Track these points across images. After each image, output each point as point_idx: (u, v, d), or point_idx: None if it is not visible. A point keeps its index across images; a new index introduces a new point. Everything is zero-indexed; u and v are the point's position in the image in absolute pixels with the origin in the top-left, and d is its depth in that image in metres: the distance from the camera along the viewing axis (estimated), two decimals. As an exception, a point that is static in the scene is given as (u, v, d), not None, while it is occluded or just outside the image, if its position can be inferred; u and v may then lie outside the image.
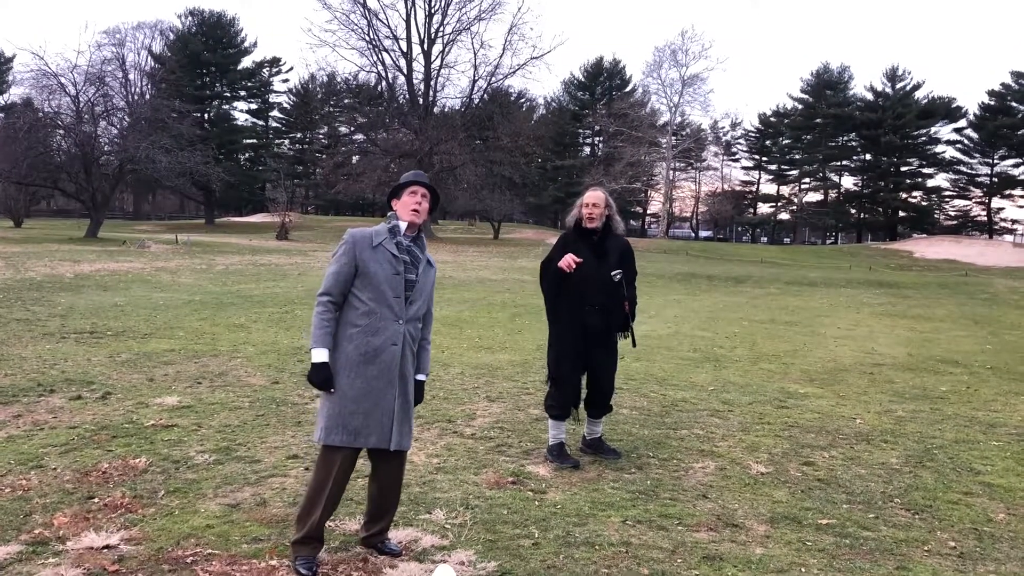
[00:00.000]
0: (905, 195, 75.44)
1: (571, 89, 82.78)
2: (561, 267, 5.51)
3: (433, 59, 54.76)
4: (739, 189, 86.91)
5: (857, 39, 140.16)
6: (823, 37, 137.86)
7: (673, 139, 66.19)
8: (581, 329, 5.61)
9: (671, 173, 70.60)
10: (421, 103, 54.86)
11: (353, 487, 4.66)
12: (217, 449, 5.74)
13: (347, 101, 69.79)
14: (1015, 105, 68.63)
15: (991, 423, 7.43)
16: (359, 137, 67.12)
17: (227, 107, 75.55)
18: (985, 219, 74.30)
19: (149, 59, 56.73)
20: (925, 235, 67.17)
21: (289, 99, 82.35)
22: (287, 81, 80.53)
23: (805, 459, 6.02)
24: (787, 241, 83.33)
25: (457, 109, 58.06)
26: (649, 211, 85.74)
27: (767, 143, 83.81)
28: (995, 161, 72.18)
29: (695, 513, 4.83)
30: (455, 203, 59.77)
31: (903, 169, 74.74)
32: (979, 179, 73.95)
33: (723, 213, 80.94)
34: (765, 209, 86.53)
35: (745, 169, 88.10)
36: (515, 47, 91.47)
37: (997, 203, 74.38)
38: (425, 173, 4.38)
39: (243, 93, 77.23)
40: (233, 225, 62.67)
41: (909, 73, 74.56)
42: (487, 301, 17.05)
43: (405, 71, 55.09)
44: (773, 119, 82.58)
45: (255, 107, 79.85)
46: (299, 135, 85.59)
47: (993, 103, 69.98)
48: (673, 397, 8.03)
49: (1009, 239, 67.56)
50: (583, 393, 5.88)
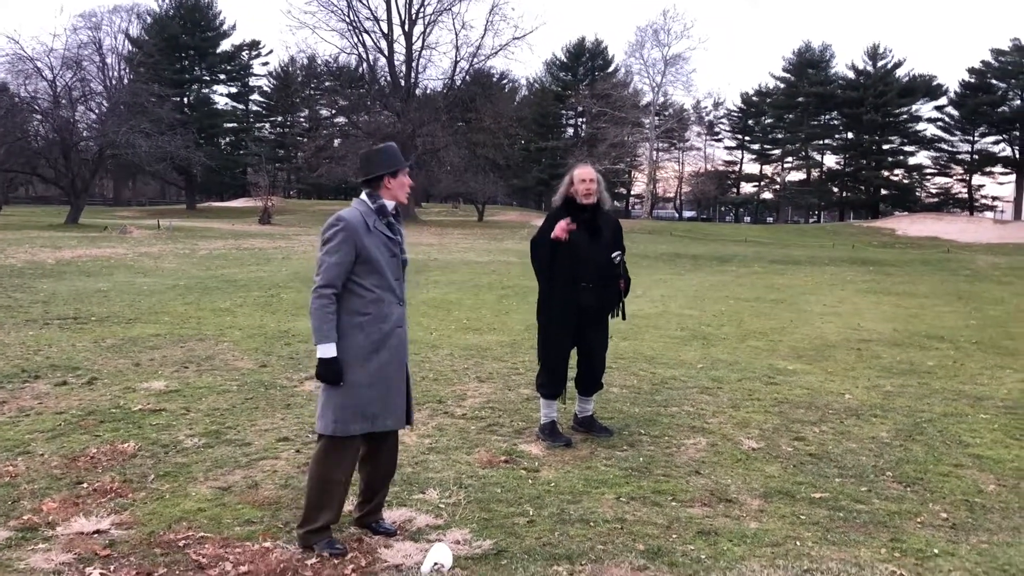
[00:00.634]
0: (887, 173, 75.71)
1: (553, 70, 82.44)
2: (557, 235, 5.40)
3: (414, 40, 54.34)
4: (722, 169, 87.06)
5: (838, 18, 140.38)
6: (804, 16, 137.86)
7: (656, 119, 66.07)
8: (574, 307, 5.57)
9: (654, 153, 70.55)
10: (403, 85, 54.46)
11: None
12: (207, 433, 5.69)
13: (328, 84, 69.13)
14: (995, 82, 68.86)
15: (978, 396, 7.48)
16: (340, 120, 66.51)
17: (207, 91, 74.73)
18: (966, 196, 74.74)
19: (126, 43, 56.08)
20: (907, 213, 67.42)
21: (269, 82, 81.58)
22: (267, 64, 79.59)
23: (796, 434, 6.04)
24: (770, 220, 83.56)
25: (439, 91, 57.71)
26: (633, 192, 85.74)
27: (749, 122, 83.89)
28: (975, 139, 72.50)
29: (688, 489, 4.83)
30: (438, 186, 59.53)
31: (885, 147, 74.95)
32: (960, 156, 74.31)
33: (706, 193, 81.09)
34: (748, 189, 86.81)
35: (728, 149, 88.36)
36: (497, 27, 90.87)
37: (978, 180, 74.90)
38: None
39: (222, 77, 76.42)
40: (215, 210, 62.18)
41: (890, 51, 74.94)
42: (473, 283, 17.00)
43: (386, 53, 54.69)
44: (755, 98, 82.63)
45: (235, 91, 79.06)
46: (280, 119, 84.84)
47: (973, 80, 70.17)
48: (662, 375, 8.03)
49: (990, 216, 68.14)
50: (574, 371, 5.87)
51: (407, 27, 54.16)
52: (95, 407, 6.28)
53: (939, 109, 73.36)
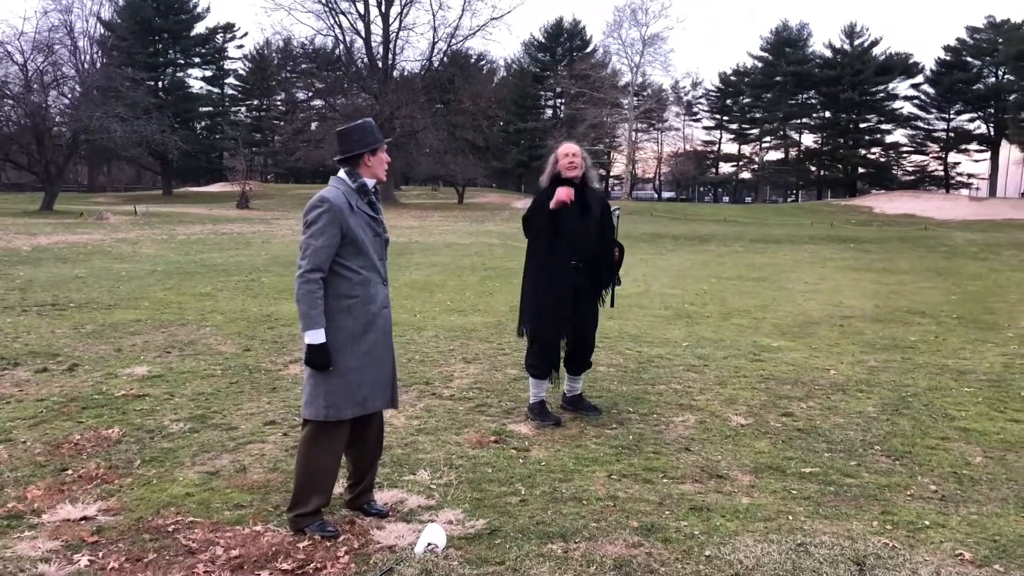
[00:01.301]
0: (864, 151, 76.07)
1: (532, 51, 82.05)
2: (560, 199, 5.30)
3: (391, 21, 53.78)
4: (701, 149, 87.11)
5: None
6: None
7: (635, 100, 66.00)
8: (567, 285, 5.53)
9: (633, 134, 70.48)
10: (380, 67, 53.96)
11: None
12: (192, 417, 5.63)
13: (304, 66, 68.45)
14: (970, 60, 69.31)
15: (961, 370, 7.54)
16: (318, 103, 66.00)
17: (181, 75, 73.62)
18: (942, 174, 75.29)
19: (98, 26, 55.10)
20: (884, 191, 67.76)
21: (245, 66, 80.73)
22: (242, 47, 78.88)
23: (783, 410, 6.06)
24: (748, 200, 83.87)
25: (417, 72, 57.21)
26: (612, 173, 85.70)
27: (728, 102, 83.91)
28: (951, 116, 72.99)
29: (679, 466, 4.83)
30: (417, 168, 59.27)
31: (862, 126, 75.30)
32: (936, 134, 74.76)
33: (685, 173, 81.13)
34: (727, 168, 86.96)
35: (706, 129, 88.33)
36: (474, 8, 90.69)
37: (953, 158, 75.42)
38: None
39: (197, 60, 75.30)
40: (192, 195, 61.60)
41: (867, 30, 74.93)
42: (456, 265, 16.94)
43: (363, 34, 54.12)
44: (733, 78, 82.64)
45: (210, 74, 77.98)
46: (256, 102, 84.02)
47: (949, 58, 70.56)
48: (648, 353, 8.03)
49: (965, 193, 68.62)
50: (563, 351, 5.84)
51: (384, 8, 53.64)
52: (77, 393, 6.20)
53: (915, 87, 73.84)
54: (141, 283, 12.86)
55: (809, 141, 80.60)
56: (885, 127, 76.07)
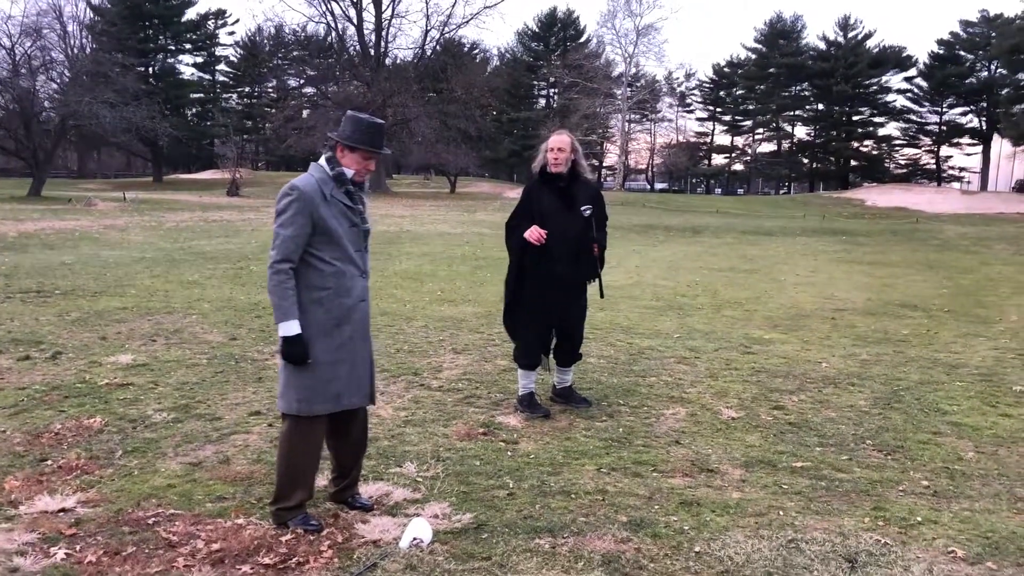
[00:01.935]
0: (857, 144, 76.12)
1: (525, 40, 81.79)
2: (528, 239, 5.32)
3: (384, 8, 53.47)
4: (694, 140, 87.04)
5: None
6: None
7: (628, 90, 65.78)
8: (550, 280, 5.45)
9: (627, 125, 70.30)
10: (372, 54, 53.66)
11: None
12: (176, 407, 5.55)
13: (296, 53, 68.03)
14: (963, 54, 69.32)
15: (953, 364, 7.50)
16: (309, 90, 65.62)
17: (172, 61, 73.19)
18: (934, 167, 75.43)
19: (88, 10, 54.70)
20: (876, 184, 67.90)
21: (236, 52, 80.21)
22: (233, 34, 78.62)
23: (775, 403, 6.00)
24: (741, 192, 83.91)
25: (409, 61, 56.94)
26: (605, 164, 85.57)
27: (721, 94, 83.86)
28: (944, 110, 73.03)
29: (669, 459, 4.77)
30: (409, 157, 59.04)
31: (855, 118, 75.32)
32: (928, 128, 74.84)
33: (678, 165, 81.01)
34: (719, 160, 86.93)
35: (700, 120, 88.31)
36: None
37: (945, 151, 75.57)
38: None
39: (188, 46, 74.88)
40: (182, 182, 61.22)
41: (861, 22, 75.19)
42: (447, 254, 16.85)
43: (355, 21, 53.76)
44: (727, 69, 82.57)
45: (201, 61, 77.61)
46: (247, 89, 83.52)
47: (942, 52, 70.57)
48: (639, 345, 7.97)
49: (957, 187, 68.80)
50: (552, 342, 5.77)
51: (376, -6, 53.30)
52: (60, 382, 6.10)
53: (908, 80, 73.82)
54: (128, 270, 12.74)
55: (802, 133, 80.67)
56: (878, 120, 76.15)
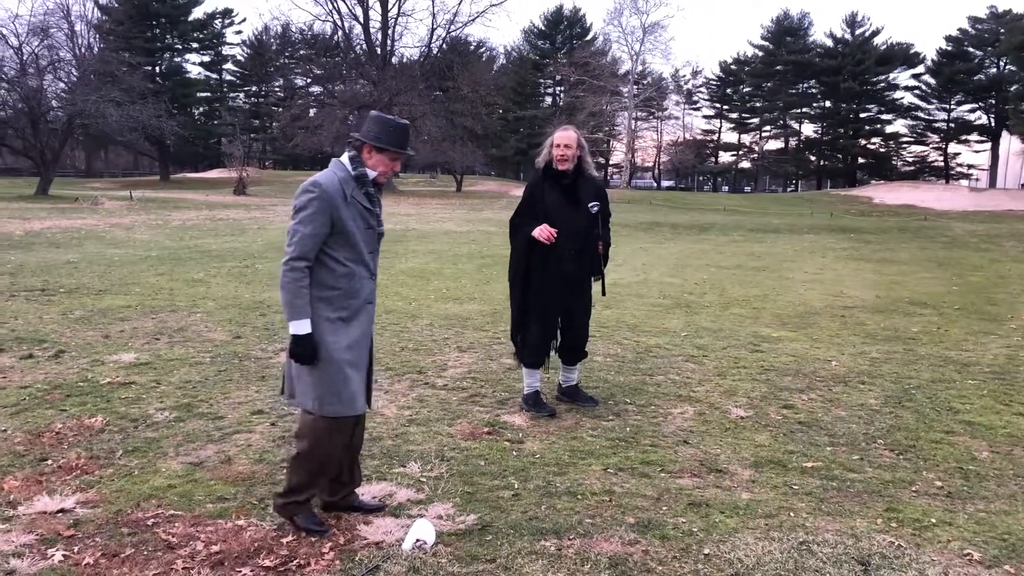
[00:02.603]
0: (864, 141, 75.88)
1: (531, 38, 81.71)
2: (537, 238, 5.24)
3: (390, 7, 53.43)
4: (700, 138, 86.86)
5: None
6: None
7: (635, 88, 65.66)
8: (556, 276, 5.38)
9: (633, 123, 70.19)
10: (379, 53, 53.63)
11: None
12: (178, 406, 5.49)
13: (302, 52, 68.20)
14: (972, 50, 68.99)
15: (964, 362, 7.40)
16: (316, 89, 65.72)
17: (179, 60, 73.30)
18: (942, 164, 75.10)
19: (95, 9, 54.82)
20: (883, 181, 67.65)
21: (243, 51, 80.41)
22: (240, 33, 78.76)
23: (784, 402, 5.92)
24: (747, 189, 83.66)
25: (416, 59, 56.90)
26: (612, 161, 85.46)
27: (728, 91, 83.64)
28: (952, 107, 72.73)
29: (677, 459, 4.70)
30: (416, 156, 58.86)
31: (862, 116, 75.10)
32: (936, 125, 74.55)
33: (685, 162, 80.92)
34: (726, 158, 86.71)
35: (706, 118, 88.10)
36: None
37: (953, 148, 75.25)
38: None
39: (195, 45, 75.02)
40: (188, 181, 61.26)
41: (868, 19, 75.03)
42: (452, 252, 16.78)
43: (362, 20, 53.79)
44: (734, 67, 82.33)
45: (208, 60, 77.79)
46: (254, 88, 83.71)
47: (950, 48, 70.27)
48: (646, 343, 7.89)
49: (965, 184, 68.46)
50: (556, 341, 5.69)
51: (383, -7, 53.26)
52: (62, 381, 6.05)
53: (916, 77, 73.62)
54: (133, 269, 12.70)
55: (809, 131, 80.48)
56: (885, 117, 75.90)
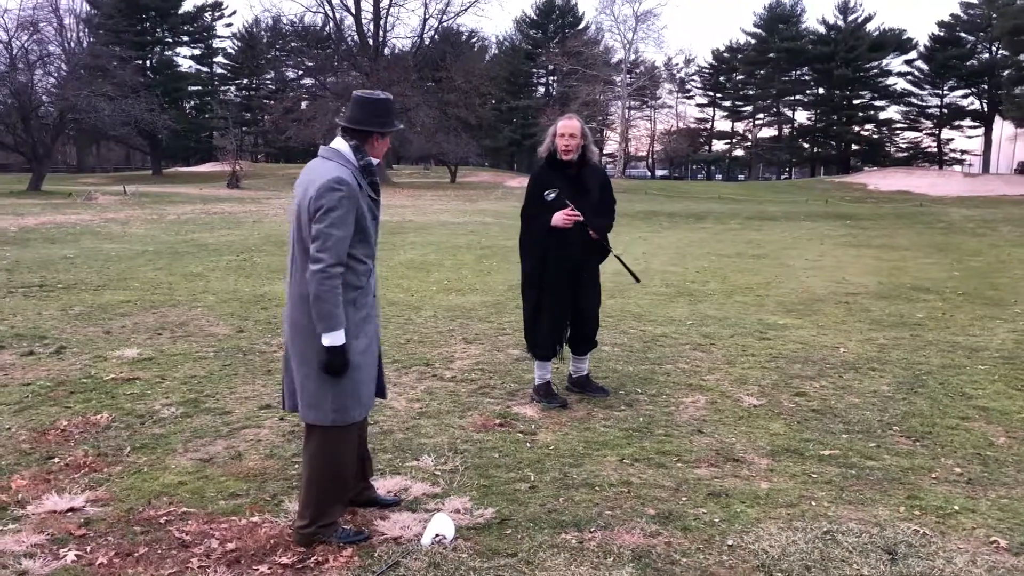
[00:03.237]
0: (858, 128, 75.78)
1: (523, 28, 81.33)
2: (563, 224, 5.13)
3: (382, -3, 53.18)
4: (694, 127, 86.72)
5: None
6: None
7: (628, 77, 65.45)
8: (567, 265, 5.30)
9: (626, 112, 69.99)
10: (371, 44, 53.42)
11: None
12: (184, 401, 5.42)
13: (294, 45, 67.79)
14: (964, 36, 68.89)
15: (973, 347, 7.37)
16: (308, 81, 65.28)
17: (169, 53, 72.87)
18: (935, 150, 75.13)
19: (84, 3, 54.39)
20: (877, 168, 67.63)
21: (234, 44, 79.81)
22: (230, 25, 78.43)
23: (796, 389, 5.87)
24: (741, 177, 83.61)
25: (408, 50, 56.69)
26: (606, 151, 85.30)
27: (721, 79, 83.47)
28: (944, 92, 72.69)
29: (693, 449, 4.64)
30: (410, 147, 58.66)
31: (855, 102, 74.97)
32: (929, 111, 74.51)
33: (679, 151, 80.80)
34: (720, 146, 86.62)
35: (699, 106, 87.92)
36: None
37: (947, 134, 75.27)
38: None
39: (185, 39, 74.55)
40: (181, 175, 61.00)
41: (861, 5, 74.46)
42: (451, 243, 16.70)
43: (353, 11, 53.53)
44: (726, 55, 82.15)
45: (199, 53, 77.28)
46: (246, 81, 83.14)
47: (943, 34, 70.14)
48: (653, 332, 7.83)
49: (959, 169, 68.53)
50: (567, 332, 5.61)
51: (374, -16, 52.98)
52: (64, 377, 5.97)
53: (909, 63, 73.46)
54: (131, 264, 12.60)
55: (802, 118, 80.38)
56: (878, 103, 75.79)
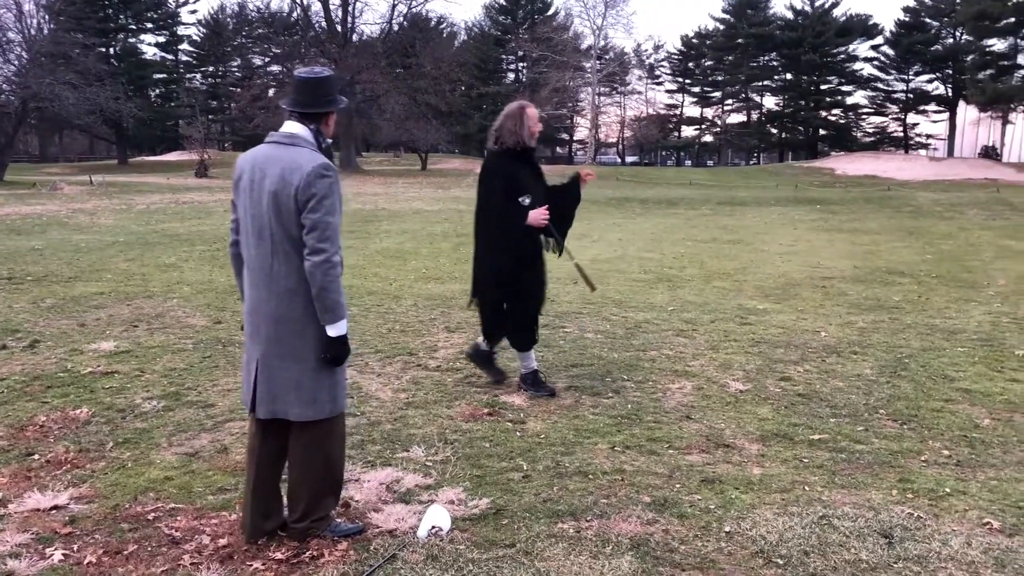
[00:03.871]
0: (825, 113, 76.39)
1: (493, 13, 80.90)
2: (536, 224, 5.11)
3: (350, -17, 52.59)
4: (663, 113, 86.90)
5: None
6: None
7: (597, 63, 65.41)
8: (536, 252, 5.29)
9: (597, 98, 69.94)
10: (339, 31, 52.82)
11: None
12: (165, 395, 5.32)
13: (260, 31, 66.96)
14: (929, 21, 69.58)
15: (951, 330, 7.44)
16: (275, 68, 64.56)
17: (133, 40, 71.56)
18: (901, 135, 75.93)
19: (45, -10, 53.18)
20: (844, 152, 68.23)
21: (199, 31, 78.73)
22: (195, 12, 77.25)
23: (781, 374, 5.89)
24: (711, 163, 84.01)
25: (377, 36, 56.11)
26: (576, 138, 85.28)
27: (690, 65, 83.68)
28: (910, 77, 73.45)
29: (683, 435, 4.64)
30: (379, 134, 58.33)
31: (823, 88, 75.52)
32: (895, 95, 75.26)
33: (648, 137, 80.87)
34: (689, 132, 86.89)
35: (669, 92, 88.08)
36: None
37: (912, 119, 76.06)
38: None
39: (150, 25, 73.17)
40: (148, 164, 60.06)
41: (828, -9, 74.86)
42: (426, 232, 16.60)
43: (321, -3, 52.86)
44: (695, 40, 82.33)
45: (163, 40, 76.05)
46: (212, 69, 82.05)
47: (908, 19, 70.78)
48: (635, 319, 7.83)
49: (924, 153, 69.32)
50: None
51: (342, -30, 52.38)
52: (40, 372, 5.84)
53: (875, 48, 74.07)
54: (102, 255, 12.38)
55: (771, 103, 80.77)
56: (845, 89, 76.37)
